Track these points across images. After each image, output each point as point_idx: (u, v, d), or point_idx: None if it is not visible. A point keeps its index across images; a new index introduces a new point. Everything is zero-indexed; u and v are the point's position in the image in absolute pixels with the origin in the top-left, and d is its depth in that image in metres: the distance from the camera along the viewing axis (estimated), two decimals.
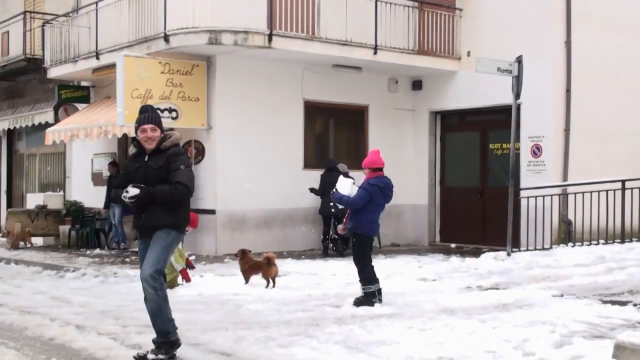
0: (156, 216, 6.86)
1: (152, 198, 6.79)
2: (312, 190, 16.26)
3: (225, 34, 14.92)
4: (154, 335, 7.04)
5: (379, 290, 9.75)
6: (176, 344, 6.97)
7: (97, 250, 17.71)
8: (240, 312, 9.51)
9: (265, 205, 16.54)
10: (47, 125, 19.74)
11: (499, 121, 17.24)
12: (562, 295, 10.23)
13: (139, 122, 6.96)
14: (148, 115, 6.95)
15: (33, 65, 20.68)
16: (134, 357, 6.91)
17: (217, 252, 15.71)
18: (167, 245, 6.90)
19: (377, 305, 9.55)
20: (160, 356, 6.81)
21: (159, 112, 7.99)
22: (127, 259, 15.65)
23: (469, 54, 17.62)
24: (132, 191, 6.74)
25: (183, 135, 16.43)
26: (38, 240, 19.98)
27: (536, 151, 16.28)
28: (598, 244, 14.72)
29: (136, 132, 7.03)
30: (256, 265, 11.70)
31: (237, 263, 12.02)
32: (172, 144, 6.97)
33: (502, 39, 16.61)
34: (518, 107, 14.93)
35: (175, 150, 6.98)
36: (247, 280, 11.72)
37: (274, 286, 11.43)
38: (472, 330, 7.96)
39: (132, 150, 7.17)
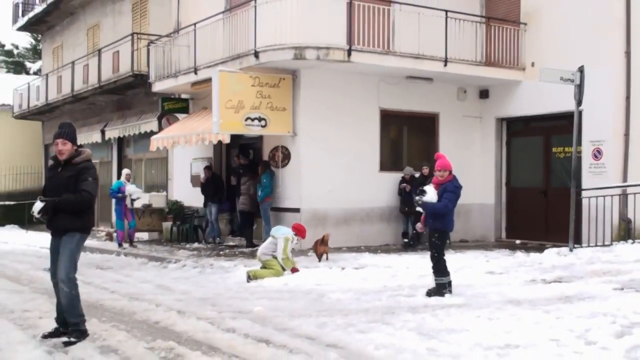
0: (63, 221, 7.12)
1: (59, 207, 7.02)
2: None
3: (308, 50, 15.01)
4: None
5: (450, 282, 9.65)
6: (85, 333, 7.21)
7: (196, 244, 18.02)
8: (322, 301, 9.55)
9: (345, 205, 16.57)
10: (152, 133, 20.22)
11: (561, 126, 16.83)
12: (622, 289, 9.91)
13: (54, 137, 7.28)
14: (61, 131, 7.19)
15: (139, 81, 21.14)
16: (43, 336, 7.30)
17: (301, 246, 15.76)
18: (73, 249, 7.15)
19: (447, 296, 9.46)
20: (73, 339, 7.07)
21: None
22: (222, 252, 15.90)
23: (533, 64, 17.28)
24: (37, 206, 6.99)
25: (271, 141, 16.93)
26: (144, 235, 20.49)
27: (597, 154, 15.85)
28: None
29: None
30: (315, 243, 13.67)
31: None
32: (82, 160, 7.22)
33: (565, 50, 16.26)
34: (580, 114, 14.55)
35: (86, 164, 7.23)
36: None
37: (326, 259, 13.33)
38: (537, 320, 7.81)
39: (50, 162, 7.51)
